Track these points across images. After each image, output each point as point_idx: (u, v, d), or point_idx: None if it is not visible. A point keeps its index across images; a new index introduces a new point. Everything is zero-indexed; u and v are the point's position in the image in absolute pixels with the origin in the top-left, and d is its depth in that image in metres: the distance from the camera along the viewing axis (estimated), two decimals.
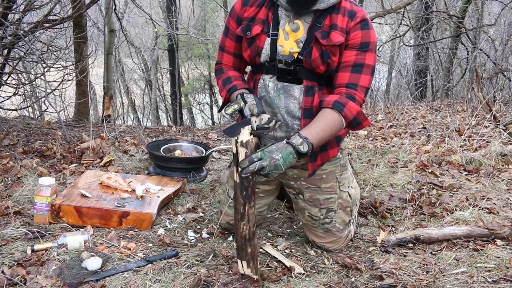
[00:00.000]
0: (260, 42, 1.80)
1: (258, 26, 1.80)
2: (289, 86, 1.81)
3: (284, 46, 1.78)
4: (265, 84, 1.85)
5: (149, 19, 8.35)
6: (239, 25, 1.85)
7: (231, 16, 1.89)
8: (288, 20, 1.78)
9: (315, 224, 1.96)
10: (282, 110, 1.83)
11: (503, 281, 1.70)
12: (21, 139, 3.48)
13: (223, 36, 1.94)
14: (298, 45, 1.77)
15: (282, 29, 1.78)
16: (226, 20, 1.93)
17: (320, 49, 1.73)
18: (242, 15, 1.85)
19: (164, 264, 1.75)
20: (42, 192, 2.06)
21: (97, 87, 10.44)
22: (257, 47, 1.81)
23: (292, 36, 1.78)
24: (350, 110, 1.69)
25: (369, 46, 1.74)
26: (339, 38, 1.71)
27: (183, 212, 2.32)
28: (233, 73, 1.91)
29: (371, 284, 1.68)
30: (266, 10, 1.81)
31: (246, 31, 1.81)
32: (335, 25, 1.73)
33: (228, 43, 1.92)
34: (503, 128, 3.67)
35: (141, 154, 3.31)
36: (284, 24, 1.79)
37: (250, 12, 1.83)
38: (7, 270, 1.64)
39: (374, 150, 3.43)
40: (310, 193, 1.94)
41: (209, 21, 13.19)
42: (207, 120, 13.57)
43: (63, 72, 3.99)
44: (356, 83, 1.73)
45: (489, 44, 7.16)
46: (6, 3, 3.28)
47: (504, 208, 2.37)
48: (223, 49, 1.94)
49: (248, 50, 1.83)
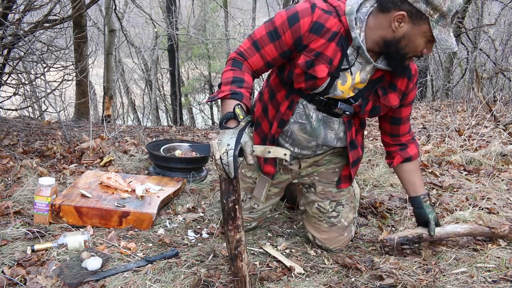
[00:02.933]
0: (321, 82, 1.66)
1: (324, 67, 1.62)
2: (329, 118, 1.80)
3: (345, 92, 1.71)
4: (306, 113, 1.78)
5: (149, 19, 8.37)
6: (296, 47, 1.62)
7: (291, 29, 1.59)
8: (361, 69, 1.67)
9: (322, 217, 1.98)
10: (320, 140, 1.84)
11: (503, 281, 1.70)
12: (21, 139, 3.48)
13: (266, 37, 1.64)
14: (353, 90, 1.72)
15: (351, 76, 1.67)
16: (280, 24, 1.61)
17: (375, 103, 1.76)
18: (307, 42, 1.60)
19: (164, 264, 1.75)
20: (42, 192, 2.06)
21: (97, 87, 10.45)
22: (316, 85, 1.68)
23: (356, 84, 1.70)
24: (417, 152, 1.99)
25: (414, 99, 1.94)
26: (395, 101, 1.76)
27: (183, 212, 2.32)
28: (248, 78, 1.63)
29: (371, 284, 1.68)
30: (335, 47, 1.61)
31: (310, 66, 1.62)
32: (395, 86, 1.74)
33: (269, 50, 1.65)
34: (503, 128, 3.67)
35: (141, 154, 3.31)
36: (355, 72, 1.66)
37: (318, 44, 1.60)
38: (7, 270, 1.63)
39: (374, 150, 3.43)
40: (323, 186, 1.98)
41: (209, 21, 13.19)
42: (207, 120, 13.58)
43: (63, 72, 3.98)
44: (410, 128, 1.97)
45: (489, 44, 7.16)
46: (6, 3, 3.28)
47: (504, 208, 2.37)
48: (259, 49, 1.66)
49: (304, 83, 1.68)
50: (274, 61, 1.68)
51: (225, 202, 1.44)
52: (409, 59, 1.62)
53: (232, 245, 1.47)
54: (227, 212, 1.44)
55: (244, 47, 1.69)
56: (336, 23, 1.59)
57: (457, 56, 8.53)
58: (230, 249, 1.48)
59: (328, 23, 1.59)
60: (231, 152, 1.37)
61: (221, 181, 1.43)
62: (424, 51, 1.58)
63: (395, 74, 1.71)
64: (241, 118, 1.47)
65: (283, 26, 1.61)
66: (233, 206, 1.44)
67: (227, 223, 1.46)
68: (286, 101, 1.79)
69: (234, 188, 1.43)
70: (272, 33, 1.63)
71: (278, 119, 1.82)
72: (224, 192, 1.43)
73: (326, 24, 1.59)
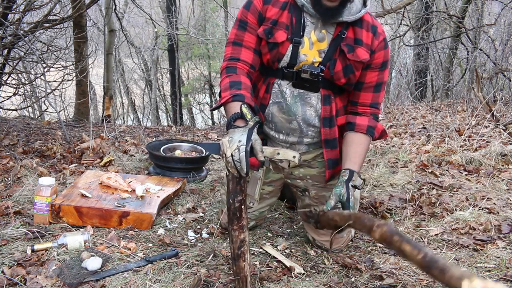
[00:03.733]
0: (283, 48, 1.73)
1: (283, 32, 1.72)
2: (305, 93, 1.80)
3: (308, 55, 1.75)
4: (281, 90, 1.81)
5: (149, 19, 8.36)
6: (260, 22, 1.75)
7: (250, 11, 1.76)
8: (314, 28, 1.73)
9: None
10: (299, 117, 1.82)
11: (503, 281, 1.70)
12: (21, 139, 3.48)
13: (238, 31, 1.77)
14: (320, 55, 1.75)
15: (307, 37, 1.73)
16: (241, 14, 1.78)
17: (344, 63, 1.74)
18: (264, 13, 1.74)
19: (164, 264, 1.75)
20: (42, 192, 2.06)
21: (97, 87, 10.45)
22: (279, 53, 1.74)
23: (316, 46, 1.74)
24: (377, 131, 1.84)
25: (387, 64, 1.80)
26: (365, 55, 1.73)
27: (183, 212, 2.32)
28: (245, 80, 1.69)
29: (371, 284, 1.68)
30: (288, 14, 1.73)
31: (268, 34, 1.73)
32: (360, 41, 1.73)
33: (248, 38, 1.76)
34: (503, 128, 3.67)
35: (141, 154, 3.31)
36: (309, 32, 1.73)
37: (273, 13, 1.73)
38: (7, 270, 1.64)
39: (374, 150, 3.43)
40: (316, 190, 1.97)
41: (209, 21, 13.19)
42: (207, 120, 13.57)
43: (63, 72, 3.99)
44: (377, 101, 1.85)
45: (489, 44, 7.16)
46: (6, 3, 3.29)
47: (504, 208, 2.37)
48: (241, 44, 1.76)
49: (268, 54, 1.76)
50: (258, 46, 1.78)
51: (231, 202, 1.43)
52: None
53: (236, 245, 1.47)
54: (233, 212, 1.44)
55: (228, 51, 1.78)
56: None
57: (457, 56, 8.53)
58: (233, 249, 1.48)
59: None
60: (242, 147, 1.37)
61: (229, 181, 1.42)
62: None
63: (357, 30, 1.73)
64: (249, 118, 1.49)
65: (243, 13, 1.78)
66: (239, 206, 1.43)
67: (232, 223, 1.45)
68: (263, 85, 1.85)
69: (242, 189, 1.43)
70: (240, 25, 1.78)
71: (258, 104, 1.86)
72: (231, 192, 1.43)
73: None
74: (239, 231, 1.46)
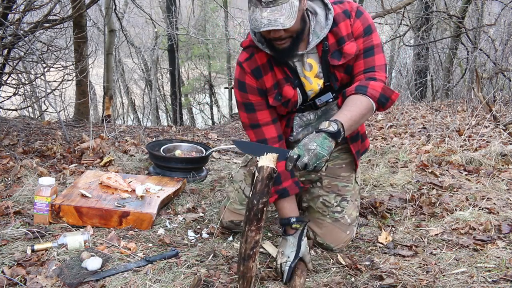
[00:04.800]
0: (295, 97, 1.81)
1: (287, 87, 1.77)
2: (327, 108, 1.88)
3: (313, 89, 1.81)
4: (305, 119, 1.91)
5: (149, 19, 8.36)
6: (262, 94, 1.80)
7: (248, 92, 1.79)
8: (302, 64, 1.77)
9: (326, 211, 1.99)
10: None
11: (503, 281, 1.70)
12: (21, 139, 3.48)
13: (248, 114, 1.82)
14: (319, 77, 1.79)
15: (302, 76, 1.79)
16: (241, 97, 1.82)
17: (342, 69, 1.76)
18: (263, 86, 1.79)
19: (164, 264, 1.75)
20: (42, 192, 2.06)
21: (97, 87, 10.44)
22: (294, 103, 1.82)
23: (311, 75, 1.79)
24: (374, 88, 1.64)
25: (371, 27, 1.74)
26: (353, 47, 1.71)
27: (183, 212, 2.32)
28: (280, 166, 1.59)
29: (371, 284, 1.68)
30: (279, 68, 1.77)
31: (279, 97, 1.79)
32: (342, 38, 1.72)
33: (261, 116, 1.82)
34: (503, 128, 3.67)
35: (141, 154, 3.31)
36: (301, 71, 1.78)
37: (269, 80, 1.78)
38: (7, 270, 1.64)
39: (374, 150, 3.43)
40: (329, 179, 2.01)
41: (209, 21, 13.19)
42: (207, 120, 13.57)
43: (63, 72, 3.99)
44: (372, 65, 1.72)
45: (489, 44, 7.16)
46: (6, 3, 3.29)
47: (504, 208, 2.37)
48: (259, 125, 1.83)
49: (286, 109, 1.85)
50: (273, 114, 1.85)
51: (255, 202, 1.43)
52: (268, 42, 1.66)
53: (249, 246, 1.47)
54: (255, 212, 1.44)
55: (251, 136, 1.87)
56: (260, 55, 1.75)
57: (457, 56, 8.54)
58: (246, 249, 1.48)
59: (258, 61, 1.76)
60: (288, 263, 1.71)
61: (257, 182, 1.43)
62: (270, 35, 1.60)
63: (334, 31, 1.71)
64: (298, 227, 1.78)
65: (243, 96, 1.82)
66: (262, 208, 1.44)
67: (251, 223, 1.45)
68: (283, 120, 1.93)
69: (268, 191, 1.44)
70: (247, 107, 1.83)
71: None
72: (258, 192, 1.43)
73: (258, 64, 1.77)
74: (256, 232, 1.47)
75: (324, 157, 1.46)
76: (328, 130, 1.49)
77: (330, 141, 1.49)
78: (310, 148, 1.45)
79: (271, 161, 1.45)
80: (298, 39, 1.63)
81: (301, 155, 1.45)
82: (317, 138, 1.48)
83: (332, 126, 1.50)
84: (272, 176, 1.44)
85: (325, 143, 1.47)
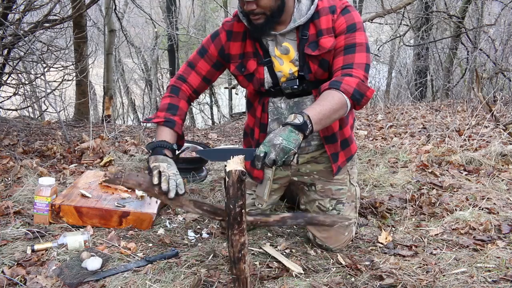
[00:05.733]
0: (260, 74, 1.82)
1: (252, 61, 1.81)
2: (300, 101, 1.86)
3: (283, 71, 1.81)
4: (276, 106, 1.90)
5: (149, 19, 8.36)
6: (222, 56, 1.86)
7: (213, 42, 1.86)
8: (275, 45, 1.79)
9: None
10: None
11: (503, 281, 1.70)
12: (21, 139, 3.48)
13: (196, 55, 1.90)
14: (294, 64, 1.80)
15: (273, 56, 1.80)
16: (206, 41, 1.89)
17: (316, 61, 1.75)
18: (227, 49, 1.84)
19: (164, 264, 1.75)
20: (42, 192, 2.06)
21: (97, 87, 10.44)
22: (259, 80, 1.83)
23: (285, 59, 1.80)
24: (348, 84, 1.61)
25: (356, 26, 1.71)
26: (329, 42, 1.72)
27: (183, 212, 2.32)
28: (183, 105, 1.84)
29: (371, 284, 1.68)
30: (251, 41, 1.81)
31: (241, 68, 1.83)
32: (320, 31, 1.73)
33: (201, 65, 1.89)
34: (503, 128, 3.67)
35: (141, 154, 3.31)
36: (273, 51, 1.80)
37: (236, 48, 1.82)
38: (7, 270, 1.64)
39: (374, 150, 3.43)
40: (322, 184, 1.99)
41: (209, 21, 13.18)
42: (207, 120, 13.56)
43: (63, 72, 3.99)
44: (351, 62, 1.67)
45: (489, 44, 7.16)
46: (6, 3, 3.29)
47: (504, 208, 2.37)
48: (193, 67, 1.90)
49: (251, 84, 1.86)
50: (209, 75, 1.90)
51: (231, 207, 1.42)
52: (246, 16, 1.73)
53: (236, 249, 1.47)
54: (233, 217, 1.43)
55: (182, 69, 1.91)
56: (239, 25, 1.82)
57: (457, 56, 8.54)
58: (234, 252, 1.48)
59: (235, 28, 1.83)
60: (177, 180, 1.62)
61: (229, 187, 1.42)
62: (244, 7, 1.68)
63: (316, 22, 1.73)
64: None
65: (207, 42, 1.88)
66: (240, 211, 1.43)
67: (232, 228, 1.45)
68: (259, 106, 1.93)
69: (242, 193, 1.43)
70: (201, 50, 1.89)
71: (257, 124, 1.96)
72: (232, 197, 1.42)
73: (233, 29, 1.83)
74: (240, 235, 1.46)
75: (291, 150, 1.44)
76: (294, 123, 1.48)
77: (297, 134, 1.47)
78: (275, 143, 1.44)
79: (238, 163, 1.44)
80: (272, 18, 1.69)
81: (267, 152, 1.44)
82: (282, 132, 1.46)
83: (297, 118, 1.49)
84: (242, 178, 1.40)
85: (291, 136, 1.46)
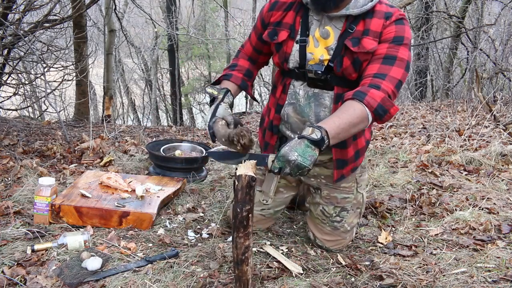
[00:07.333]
0: (288, 48, 1.75)
1: (285, 32, 1.76)
2: (319, 94, 1.77)
3: (314, 53, 1.72)
4: (295, 91, 1.82)
5: (149, 19, 8.36)
6: (263, 27, 1.85)
7: (260, 15, 1.89)
8: (319, 25, 1.71)
9: (325, 220, 1.97)
10: (312, 119, 1.80)
11: (503, 281, 1.70)
12: (21, 139, 3.48)
13: (252, 28, 1.96)
14: (328, 52, 1.71)
15: (312, 35, 1.72)
16: (259, 14, 1.92)
17: (351, 57, 1.66)
18: (268, 19, 1.82)
19: (164, 264, 1.75)
20: (42, 192, 2.06)
21: (97, 87, 10.45)
22: (285, 53, 1.77)
23: (322, 43, 1.71)
24: (372, 97, 1.54)
25: (403, 40, 1.63)
26: (371, 44, 1.63)
27: (183, 212, 2.32)
28: (242, 63, 1.95)
29: (371, 284, 1.68)
30: (294, 14, 1.76)
31: (273, 36, 1.79)
32: (367, 31, 1.65)
33: (252, 36, 1.94)
34: (503, 128, 3.67)
35: (141, 154, 3.31)
36: (314, 30, 1.72)
37: (276, 16, 1.79)
38: (7, 270, 1.64)
39: (374, 150, 3.43)
40: (328, 191, 1.95)
41: (209, 21, 13.18)
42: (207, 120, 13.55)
43: (63, 72, 3.99)
44: (385, 73, 1.59)
45: (489, 44, 7.16)
46: (6, 3, 3.29)
47: (504, 208, 2.37)
48: (249, 37, 1.97)
49: (277, 55, 1.81)
50: (258, 46, 1.93)
51: (239, 211, 1.42)
52: None
53: (240, 251, 1.46)
54: (240, 220, 1.43)
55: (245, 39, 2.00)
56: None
57: (457, 56, 8.54)
58: (237, 254, 1.47)
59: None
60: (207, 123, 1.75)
61: (237, 191, 1.41)
62: None
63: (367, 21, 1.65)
64: (216, 94, 1.77)
65: (258, 16, 1.91)
66: (247, 215, 1.42)
67: (238, 231, 1.44)
68: (280, 86, 1.89)
69: (251, 198, 1.42)
70: (255, 24, 1.93)
71: (275, 105, 1.91)
72: (240, 201, 1.41)
73: (280, 0, 1.81)
74: (245, 238, 1.45)
75: (307, 167, 1.42)
76: (311, 138, 1.44)
77: (313, 149, 1.44)
78: (290, 159, 1.42)
79: (249, 168, 1.43)
80: None
81: (282, 167, 1.44)
82: (298, 147, 1.43)
83: (315, 133, 1.45)
84: (251, 184, 1.40)
85: (307, 151, 1.43)
